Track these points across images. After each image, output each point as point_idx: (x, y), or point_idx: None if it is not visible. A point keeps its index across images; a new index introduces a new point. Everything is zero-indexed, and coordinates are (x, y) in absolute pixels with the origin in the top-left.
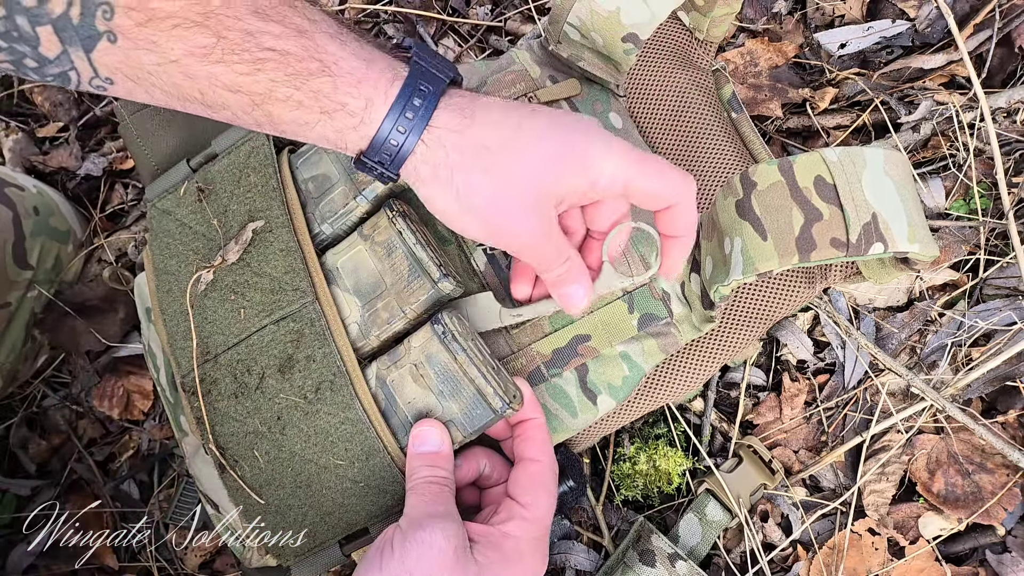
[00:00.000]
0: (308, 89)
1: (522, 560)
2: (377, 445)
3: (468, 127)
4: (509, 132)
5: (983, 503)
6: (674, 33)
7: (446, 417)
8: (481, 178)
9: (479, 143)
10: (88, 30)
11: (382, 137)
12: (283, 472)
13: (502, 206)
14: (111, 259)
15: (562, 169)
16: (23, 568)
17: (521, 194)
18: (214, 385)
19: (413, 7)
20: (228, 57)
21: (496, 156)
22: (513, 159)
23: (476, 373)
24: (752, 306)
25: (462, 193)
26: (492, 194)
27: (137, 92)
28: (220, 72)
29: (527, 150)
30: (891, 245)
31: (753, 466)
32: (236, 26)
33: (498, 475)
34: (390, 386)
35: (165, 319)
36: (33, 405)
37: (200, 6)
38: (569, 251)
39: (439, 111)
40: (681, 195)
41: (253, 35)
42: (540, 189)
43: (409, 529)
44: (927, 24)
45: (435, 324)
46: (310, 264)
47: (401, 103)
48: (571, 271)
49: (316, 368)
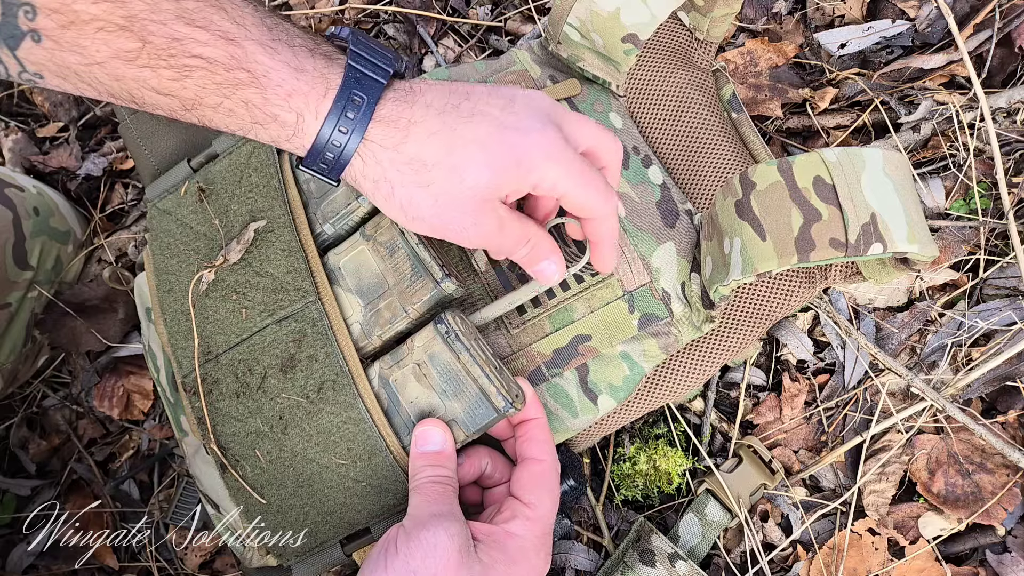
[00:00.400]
0: (238, 99)
1: (527, 559)
2: (379, 444)
3: (403, 141)
4: (446, 144)
5: (983, 503)
6: (674, 33)
7: (449, 416)
8: (422, 193)
9: (416, 158)
10: (11, 29)
11: (318, 149)
12: (285, 472)
13: (447, 216)
14: (111, 259)
15: (503, 178)
16: (23, 568)
17: (463, 204)
18: (215, 385)
19: (413, 7)
20: (154, 62)
21: (434, 172)
22: (451, 174)
23: (479, 372)
24: (752, 306)
25: (405, 206)
26: (435, 206)
27: (67, 87)
28: (147, 76)
29: (465, 164)
30: (890, 245)
31: (753, 466)
32: (161, 31)
33: (500, 475)
34: (393, 385)
35: (166, 319)
36: (33, 405)
37: (123, 10)
38: (529, 232)
39: (373, 125)
40: (602, 211)
41: (179, 41)
42: (482, 196)
43: (413, 529)
44: (927, 24)
45: (438, 324)
46: (312, 264)
47: (334, 117)
48: (537, 250)
49: (318, 368)
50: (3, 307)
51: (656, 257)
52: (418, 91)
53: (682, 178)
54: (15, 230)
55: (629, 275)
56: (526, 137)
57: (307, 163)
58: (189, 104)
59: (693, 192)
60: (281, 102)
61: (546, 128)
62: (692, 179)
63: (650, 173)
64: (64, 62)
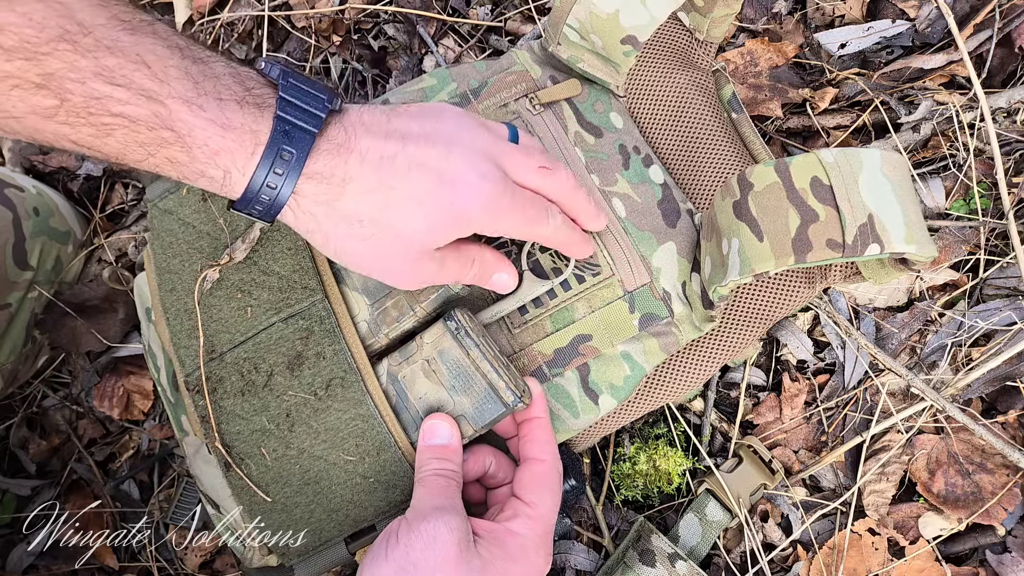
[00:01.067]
0: (162, 157)
1: (527, 557)
2: (388, 440)
3: (338, 198)
4: (382, 201)
5: (983, 503)
6: (674, 33)
7: (457, 412)
8: (358, 246)
9: (351, 215)
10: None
11: (248, 200)
12: (291, 469)
13: (384, 266)
14: (111, 259)
15: (440, 233)
16: (23, 568)
17: (400, 255)
18: (220, 383)
19: (413, 7)
20: (73, 120)
21: (370, 228)
22: (387, 230)
23: (488, 368)
24: (752, 306)
25: (340, 255)
26: (371, 258)
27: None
28: (67, 132)
29: (402, 221)
30: (887, 246)
31: (753, 466)
32: (79, 90)
33: (504, 474)
34: (401, 382)
35: (168, 318)
36: (33, 405)
37: (39, 68)
38: (472, 256)
39: (304, 180)
40: (551, 236)
41: (99, 99)
42: (419, 249)
43: (415, 520)
44: (927, 24)
45: (448, 320)
46: (319, 262)
47: (262, 173)
48: (484, 267)
49: (326, 365)
50: (3, 307)
51: (657, 257)
52: (353, 137)
53: (682, 178)
54: (15, 230)
55: (630, 275)
56: (464, 192)
57: (238, 208)
58: (113, 157)
59: (693, 192)
60: (207, 160)
61: (483, 180)
62: (692, 179)
63: (651, 173)
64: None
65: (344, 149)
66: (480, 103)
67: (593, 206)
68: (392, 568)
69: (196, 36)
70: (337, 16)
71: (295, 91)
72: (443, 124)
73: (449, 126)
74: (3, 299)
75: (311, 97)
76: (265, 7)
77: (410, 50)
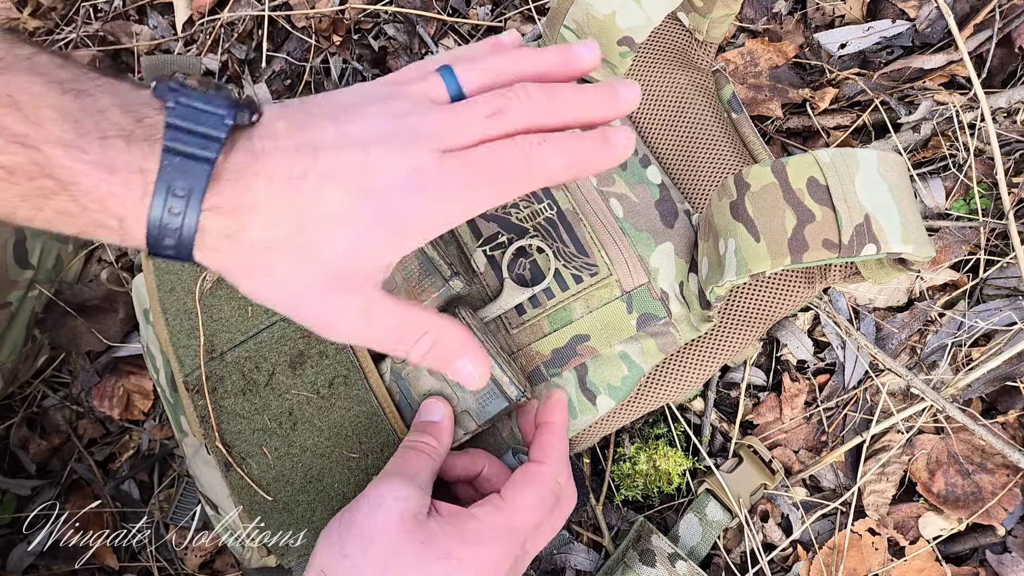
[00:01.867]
0: (51, 210)
1: (480, 545)
2: (392, 438)
3: (243, 228)
4: (294, 225)
5: (983, 503)
6: (673, 33)
7: (461, 407)
8: (267, 281)
9: (259, 244)
10: None
11: (153, 246)
12: (293, 468)
13: (298, 303)
14: (111, 259)
15: (368, 251)
16: (23, 568)
17: (312, 284)
18: (220, 383)
19: (413, 7)
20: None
21: (278, 255)
22: (298, 254)
23: (492, 363)
24: (752, 306)
25: (255, 296)
26: (282, 295)
27: None
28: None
29: (318, 245)
30: (884, 246)
31: (753, 466)
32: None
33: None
34: (405, 379)
35: (167, 318)
36: (33, 405)
37: None
38: (426, 327)
39: (205, 215)
40: (520, 192)
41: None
42: (337, 271)
43: (369, 486)
44: (927, 24)
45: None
46: None
47: (157, 215)
48: (443, 351)
49: (329, 363)
50: (3, 306)
51: (654, 257)
52: (260, 157)
53: (680, 178)
54: (16, 228)
55: (627, 275)
56: (392, 196)
57: (153, 254)
58: (4, 217)
59: (691, 192)
60: (98, 209)
61: (414, 172)
62: (690, 179)
63: (648, 173)
64: None
65: (248, 173)
66: None
67: (602, 89)
68: (337, 525)
69: (94, 61)
70: (337, 16)
71: (188, 112)
72: (358, 118)
73: (365, 119)
74: (3, 298)
75: (208, 116)
76: (265, 7)
77: (410, 50)
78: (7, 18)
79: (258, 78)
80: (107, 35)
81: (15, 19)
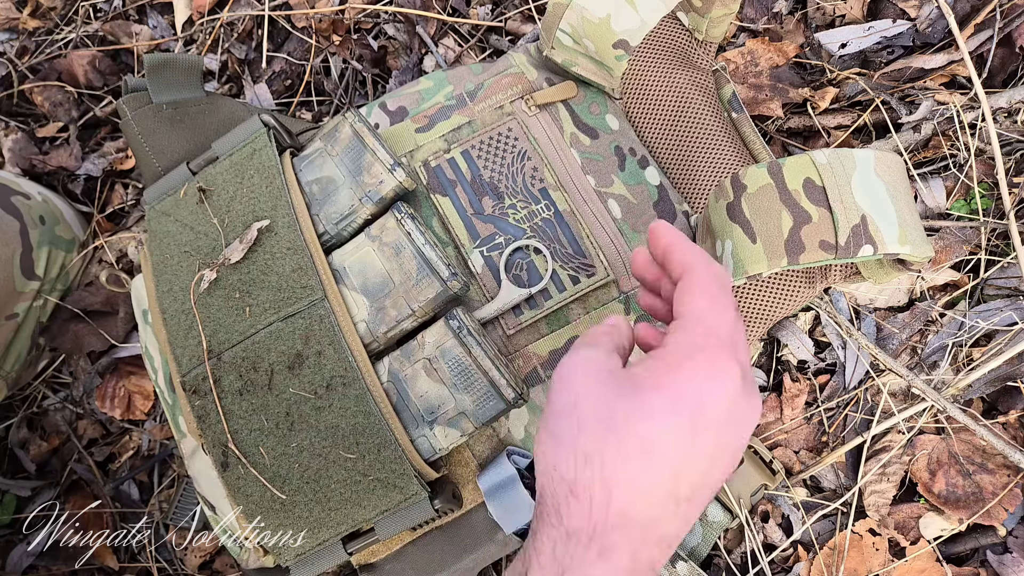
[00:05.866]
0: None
1: (692, 359)
2: (389, 438)
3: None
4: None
5: (984, 503)
6: (673, 33)
7: (458, 409)
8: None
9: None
10: None
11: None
12: (290, 468)
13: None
14: (111, 260)
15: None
16: (23, 568)
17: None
18: (217, 383)
19: (413, 7)
20: None
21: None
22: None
23: (490, 365)
24: (752, 306)
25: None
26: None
27: None
28: None
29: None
30: (880, 247)
31: (754, 466)
32: None
33: None
34: (403, 381)
35: (165, 318)
36: (33, 406)
37: None
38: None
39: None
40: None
41: None
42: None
43: (553, 376)
44: (928, 24)
45: (450, 320)
46: (318, 263)
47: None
48: None
49: (327, 365)
50: (10, 317)
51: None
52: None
53: (679, 179)
54: (23, 240)
55: (625, 276)
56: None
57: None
58: None
59: (690, 193)
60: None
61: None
62: (689, 180)
63: (647, 174)
64: None
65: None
66: (476, 105)
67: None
68: (552, 386)
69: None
70: (337, 16)
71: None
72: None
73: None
74: (11, 309)
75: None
76: (265, 7)
77: (410, 50)
78: (7, 18)
79: (258, 78)
80: (107, 35)
81: (15, 19)
